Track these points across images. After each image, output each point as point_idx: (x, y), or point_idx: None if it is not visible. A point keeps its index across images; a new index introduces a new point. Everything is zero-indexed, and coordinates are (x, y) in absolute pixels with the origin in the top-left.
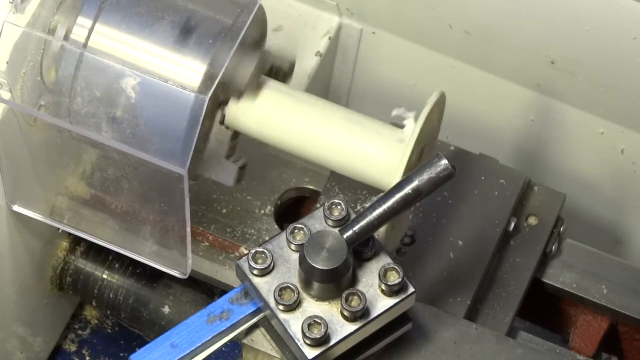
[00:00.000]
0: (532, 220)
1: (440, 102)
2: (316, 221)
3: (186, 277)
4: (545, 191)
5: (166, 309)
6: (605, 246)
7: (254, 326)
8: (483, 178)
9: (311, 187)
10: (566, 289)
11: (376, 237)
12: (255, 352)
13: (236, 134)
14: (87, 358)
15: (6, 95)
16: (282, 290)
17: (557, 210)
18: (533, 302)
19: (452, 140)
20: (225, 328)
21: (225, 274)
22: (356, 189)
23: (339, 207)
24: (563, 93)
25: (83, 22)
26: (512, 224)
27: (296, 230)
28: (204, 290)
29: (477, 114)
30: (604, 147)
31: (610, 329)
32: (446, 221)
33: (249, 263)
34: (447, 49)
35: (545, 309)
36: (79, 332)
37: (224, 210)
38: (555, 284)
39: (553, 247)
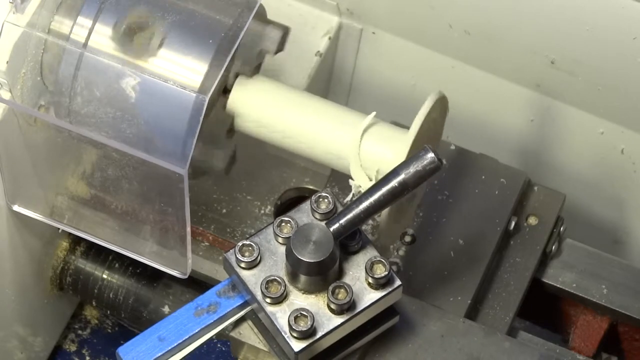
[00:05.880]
0: (532, 220)
1: (442, 103)
2: (303, 214)
3: (186, 277)
4: (545, 191)
5: (166, 309)
6: (605, 246)
7: (242, 319)
8: (483, 177)
9: (311, 187)
10: (566, 289)
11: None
12: (242, 345)
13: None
14: (87, 358)
15: (6, 95)
16: (269, 283)
17: (557, 210)
18: (533, 302)
19: (452, 140)
20: (212, 321)
21: (225, 274)
22: None
23: (326, 200)
24: (563, 93)
25: (83, 22)
26: (513, 223)
27: (283, 223)
28: (204, 290)
29: (477, 113)
30: (604, 147)
31: (610, 329)
32: (447, 220)
33: (236, 256)
34: (447, 49)
35: (545, 309)
36: (79, 332)
37: (224, 210)
38: (555, 284)
39: (553, 247)
